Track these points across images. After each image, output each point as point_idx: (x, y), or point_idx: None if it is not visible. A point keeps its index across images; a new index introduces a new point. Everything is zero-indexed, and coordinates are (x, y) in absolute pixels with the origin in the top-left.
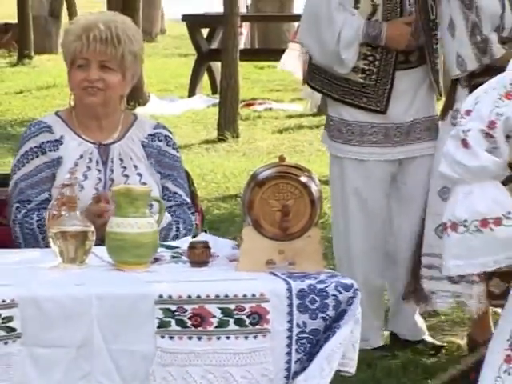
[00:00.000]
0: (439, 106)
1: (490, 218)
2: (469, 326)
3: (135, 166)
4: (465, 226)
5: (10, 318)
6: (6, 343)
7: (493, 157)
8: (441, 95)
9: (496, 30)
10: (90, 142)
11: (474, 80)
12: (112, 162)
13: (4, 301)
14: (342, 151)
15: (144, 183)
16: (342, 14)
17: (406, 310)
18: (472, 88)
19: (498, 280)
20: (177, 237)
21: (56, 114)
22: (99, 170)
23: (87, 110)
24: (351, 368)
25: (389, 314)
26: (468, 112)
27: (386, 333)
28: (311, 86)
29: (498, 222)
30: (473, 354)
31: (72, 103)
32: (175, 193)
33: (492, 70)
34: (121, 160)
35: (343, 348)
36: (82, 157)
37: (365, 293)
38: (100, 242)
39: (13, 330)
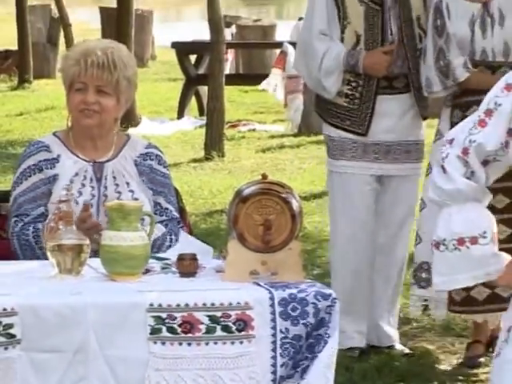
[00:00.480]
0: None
1: (467, 237)
2: (439, 333)
3: (127, 183)
4: (444, 244)
5: (10, 325)
6: (6, 349)
7: (468, 181)
8: (425, 119)
9: (469, 54)
10: (85, 160)
11: (455, 100)
12: (106, 179)
13: (5, 309)
14: (330, 165)
15: (136, 199)
16: (323, 44)
17: (380, 318)
18: (453, 107)
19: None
20: (170, 247)
21: (54, 134)
22: (93, 187)
23: (83, 131)
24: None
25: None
26: (451, 141)
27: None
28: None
29: (474, 240)
30: None
31: (69, 124)
32: (166, 208)
33: (471, 91)
34: (114, 177)
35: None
36: (77, 174)
37: (347, 303)
38: (94, 254)
39: (13, 336)
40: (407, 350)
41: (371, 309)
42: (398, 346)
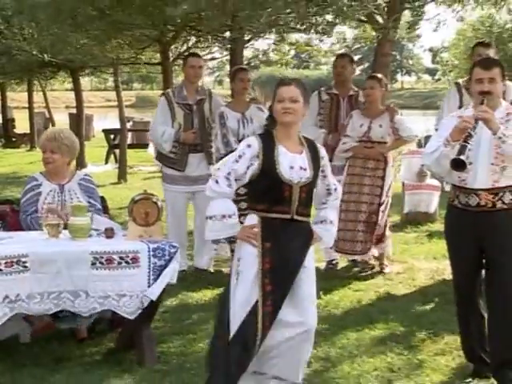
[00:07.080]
0: None
1: (225, 214)
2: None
3: (75, 193)
4: (214, 217)
5: (25, 262)
6: (23, 272)
7: (228, 188)
8: (211, 164)
9: (237, 137)
10: (54, 184)
11: None
12: (65, 192)
13: (22, 254)
14: (165, 187)
15: (80, 201)
16: (163, 127)
17: (206, 248)
18: None
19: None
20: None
21: (40, 172)
22: (59, 197)
23: (50, 171)
24: (174, 279)
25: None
26: (218, 169)
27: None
28: (158, 159)
29: (229, 216)
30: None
31: (45, 168)
32: (95, 204)
33: None
34: (69, 192)
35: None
36: (50, 191)
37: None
38: (65, 227)
39: (26, 267)
40: (211, 270)
41: (199, 249)
42: (211, 268)
